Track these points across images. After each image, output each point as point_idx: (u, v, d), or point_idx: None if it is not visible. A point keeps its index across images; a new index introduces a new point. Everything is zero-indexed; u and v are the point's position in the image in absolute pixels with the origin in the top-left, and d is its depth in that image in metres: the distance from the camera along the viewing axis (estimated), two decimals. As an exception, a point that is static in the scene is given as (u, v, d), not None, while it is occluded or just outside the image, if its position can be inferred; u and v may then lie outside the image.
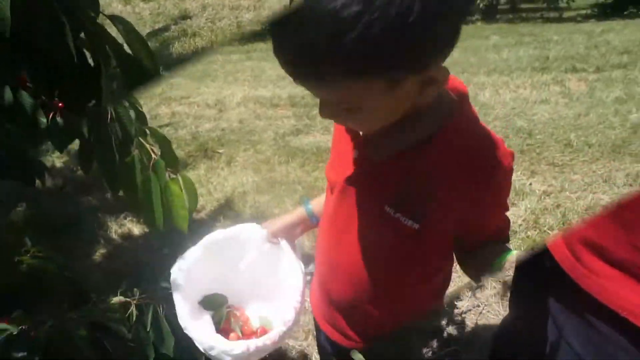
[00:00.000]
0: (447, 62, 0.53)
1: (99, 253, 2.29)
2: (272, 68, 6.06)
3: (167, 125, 4.29)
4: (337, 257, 0.81)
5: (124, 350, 0.97)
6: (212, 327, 0.96)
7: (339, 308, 0.85)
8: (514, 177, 2.58)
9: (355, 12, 0.40)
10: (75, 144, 1.08)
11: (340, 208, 0.76)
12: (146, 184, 0.97)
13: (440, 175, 0.63)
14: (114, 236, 2.44)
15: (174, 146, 3.21)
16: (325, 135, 3.59)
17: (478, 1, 9.88)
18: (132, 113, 1.04)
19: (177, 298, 0.91)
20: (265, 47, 8.05)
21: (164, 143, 1.04)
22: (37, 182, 1.54)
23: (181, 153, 3.52)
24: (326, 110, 0.58)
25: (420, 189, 0.64)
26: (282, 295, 0.93)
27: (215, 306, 1.00)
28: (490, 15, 9.88)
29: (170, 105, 4.90)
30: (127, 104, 1.02)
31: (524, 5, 11.24)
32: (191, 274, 0.95)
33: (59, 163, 3.52)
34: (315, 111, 2.80)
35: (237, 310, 1.04)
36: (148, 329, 1.03)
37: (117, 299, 1.07)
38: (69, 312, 0.97)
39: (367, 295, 0.79)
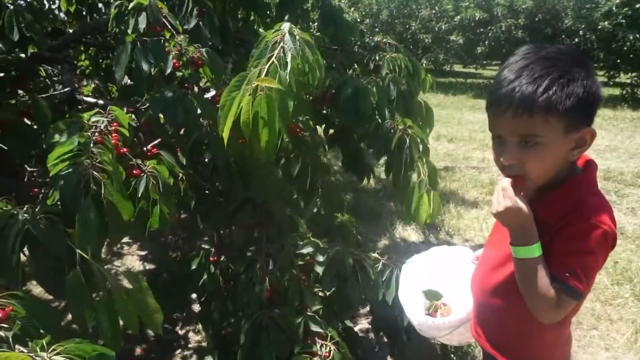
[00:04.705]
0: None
1: (382, 242, 3.05)
2: (604, 138, 5.67)
3: (474, 168, 4.79)
4: (480, 267, 1.13)
5: (366, 284, 1.56)
6: (419, 306, 1.35)
7: (476, 306, 1.13)
8: None
9: (549, 90, 0.79)
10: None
11: (494, 233, 1.10)
12: (412, 190, 1.54)
13: (547, 219, 0.88)
14: (396, 235, 3.16)
15: (470, 185, 3.81)
16: (628, 217, 3.32)
17: None
18: (420, 147, 1.62)
19: (402, 279, 1.39)
20: (612, 116, 7.42)
21: (432, 170, 1.57)
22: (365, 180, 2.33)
23: (474, 193, 3.96)
24: (510, 153, 0.85)
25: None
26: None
27: (432, 298, 1.39)
28: None
29: (485, 151, 5.36)
30: (419, 139, 1.60)
31: None
32: (416, 268, 1.40)
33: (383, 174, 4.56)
34: (627, 190, 2.89)
35: (445, 306, 1.44)
36: (383, 280, 1.59)
37: (375, 255, 1.67)
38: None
39: (487, 299, 1.06)
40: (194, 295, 2.36)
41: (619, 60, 9.68)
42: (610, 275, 2.51)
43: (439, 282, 1.37)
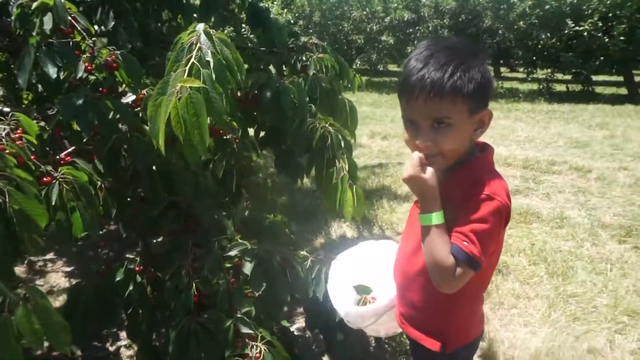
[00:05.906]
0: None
1: (318, 240, 3.09)
2: (523, 129, 6.09)
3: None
4: (399, 255, 1.19)
5: (295, 280, 1.58)
6: (349, 300, 1.39)
7: (399, 293, 1.19)
8: None
9: (454, 76, 0.88)
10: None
11: (407, 221, 1.17)
12: (334, 185, 1.57)
13: (452, 196, 0.96)
14: (332, 232, 3.21)
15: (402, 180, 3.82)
16: (543, 202, 3.59)
17: None
18: (342, 143, 1.66)
19: (331, 275, 1.44)
20: (530, 109, 7.96)
21: (352, 166, 1.61)
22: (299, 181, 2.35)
23: (406, 187, 4.08)
24: (426, 135, 0.92)
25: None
26: None
27: (362, 292, 1.43)
28: None
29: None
30: (340, 136, 1.64)
31: None
32: (346, 263, 1.45)
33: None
34: (543, 177, 3.11)
35: (374, 300, 1.45)
36: (312, 277, 1.62)
37: (303, 253, 1.69)
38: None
39: (408, 284, 1.12)
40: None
41: (535, 58, 10.45)
42: (528, 256, 2.70)
43: (368, 276, 1.42)
